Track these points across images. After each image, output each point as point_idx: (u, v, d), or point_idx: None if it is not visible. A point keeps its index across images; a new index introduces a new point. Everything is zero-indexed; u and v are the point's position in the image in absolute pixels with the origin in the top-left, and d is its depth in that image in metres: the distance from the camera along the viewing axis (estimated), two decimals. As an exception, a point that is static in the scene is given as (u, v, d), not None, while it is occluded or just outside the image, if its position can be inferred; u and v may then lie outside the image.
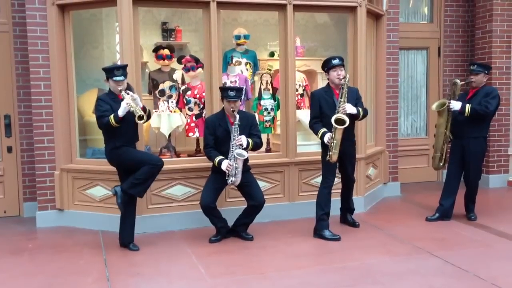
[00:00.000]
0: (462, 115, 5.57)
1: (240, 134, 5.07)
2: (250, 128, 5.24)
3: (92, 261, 4.69)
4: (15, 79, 6.29)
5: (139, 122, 4.72)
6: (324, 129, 5.23)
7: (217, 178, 5.13)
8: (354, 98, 5.32)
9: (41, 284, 4.16)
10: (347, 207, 5.78)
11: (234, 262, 4.63)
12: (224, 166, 4.99)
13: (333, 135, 5.08)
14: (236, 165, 4.99)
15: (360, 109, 5.28)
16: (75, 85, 5.95)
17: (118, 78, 4.77)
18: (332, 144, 5.10)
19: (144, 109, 4.82)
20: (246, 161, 5.23)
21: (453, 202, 5.84)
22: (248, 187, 5.19)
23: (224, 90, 5.17)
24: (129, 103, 4.68)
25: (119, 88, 4.77)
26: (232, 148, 5.03)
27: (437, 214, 5.85)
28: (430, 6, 8.18)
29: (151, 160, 4.92)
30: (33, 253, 4.98)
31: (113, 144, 4.83)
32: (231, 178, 5.00)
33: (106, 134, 4.87)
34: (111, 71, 4.81)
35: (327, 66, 5.35)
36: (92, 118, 6.25)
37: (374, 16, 6.83)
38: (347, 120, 5.05)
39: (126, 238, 5.01)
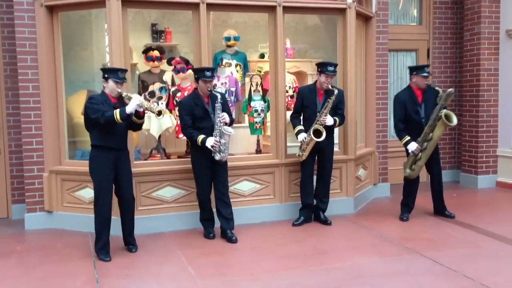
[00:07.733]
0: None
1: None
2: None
3: (81, 263, 4.66)
4: (3, 80, 6.25)
5: (158, 118, 4.75)
6: (301, 127, 5.64)
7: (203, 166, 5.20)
8: (337, 102, 5.59)
9: (30, 287, 4.13)
10: (320, 205, 5.90)
11: (224, 263, 4.63)
12: (209, 143, 5.03)
13: (308, 140, 5.52)
14: (224, 141, 5.05)
15: (337, 119, 5.63)
16: (64, 86, 5.92)
17: (120, 80, 4.72)
18: (304, 146, 5.56)
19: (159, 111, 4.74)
20: None
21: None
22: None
23: (200, 70, 5.18)
24: (141, 101, 4.64)
25: (119, 90, 4.73)
26: (217, 125, 5.08)
27: (406, 215, 5.98)
28: (419, 9, 8.23)
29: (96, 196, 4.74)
30: (22, 255, 4.95)
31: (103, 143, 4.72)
32: (220, 154, 5.05)
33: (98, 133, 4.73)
34: (114, 72, 4.76)
35: (321, 68, 5.57)
36: (82, 119, 6.22)
37: (364, 18, 6.86)
38: (324, 133, 5.45)
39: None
